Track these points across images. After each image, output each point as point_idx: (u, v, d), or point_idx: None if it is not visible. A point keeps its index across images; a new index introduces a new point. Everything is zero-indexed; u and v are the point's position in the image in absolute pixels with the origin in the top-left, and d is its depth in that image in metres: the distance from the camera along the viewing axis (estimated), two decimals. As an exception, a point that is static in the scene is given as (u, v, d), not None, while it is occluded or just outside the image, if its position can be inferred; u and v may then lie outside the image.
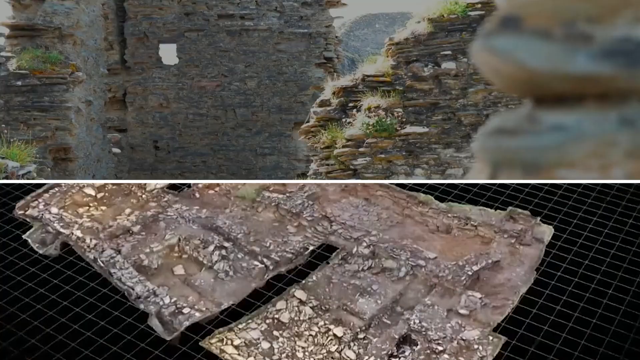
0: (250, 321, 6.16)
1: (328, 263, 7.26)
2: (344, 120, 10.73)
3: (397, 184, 8.33)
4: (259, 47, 18.92)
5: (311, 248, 7.51)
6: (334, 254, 7.43)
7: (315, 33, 18.91)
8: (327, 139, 10.65)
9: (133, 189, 8.66)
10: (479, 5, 10.73)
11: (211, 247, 7.36)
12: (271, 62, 18.97)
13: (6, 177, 9.21)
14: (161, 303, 6.56)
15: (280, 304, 6.40)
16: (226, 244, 7.42)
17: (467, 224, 7.69)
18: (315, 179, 10.74)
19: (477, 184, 8.54)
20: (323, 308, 6.37)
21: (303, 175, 16.43)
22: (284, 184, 8.90)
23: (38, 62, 13.05)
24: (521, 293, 6.48)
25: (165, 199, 8.41)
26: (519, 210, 7.77)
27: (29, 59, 13.05)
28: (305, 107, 18.78)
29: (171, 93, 19.05)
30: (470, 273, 6.83)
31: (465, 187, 8.46)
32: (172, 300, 6.58)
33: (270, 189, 8.61)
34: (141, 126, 19.08)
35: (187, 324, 6.25)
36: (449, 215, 7.85)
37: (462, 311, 6.30)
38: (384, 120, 10.44)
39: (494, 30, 0.88)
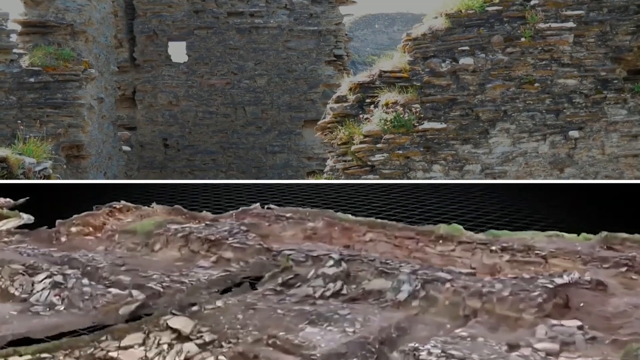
0: (43, 355, 4.09)
1: (255, 288, 5.44)
2: (361, 116, 10.67)
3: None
4: (269, 45, 18.87)
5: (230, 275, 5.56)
6: (267, 274, 5.53)
7: (325, 30, 18.86)
8: (344, 135, 10.58)
9: None
10: (497, 1, 10.66)
11: (41, 276, 5.56)
12: (281, 60, 18.92)
13: (23, 174, 9.16)
14: None
15: (133, 338, 4.34)
16: (68, 272, 5.64)
17: (528, 256, 5.34)
18: (332, 175, 10.69)
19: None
20: (224, 343, 4.23)
21: (313, 174, 16.38)
22: (212, 220, 7.08)
23: (50, 59, 12.99)
24: None
25: (7, 240, 6.77)
26: (622, 234, 5.54)
27: (42, 55, 12.99)
28: (315, 105, 18.73)
29: (181, 91, 19.00)
30: (551, 287, 4.49)
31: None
32: None
33: (183, 217, 6.82)
34: (151, 124, 19.04)
35: None
36: (493, 248, 5.57)
37: (542, 345, 3.98)
38: (401, 116, 10.38)
39: None
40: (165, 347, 4.21)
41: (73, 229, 6.91)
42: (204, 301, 4.93)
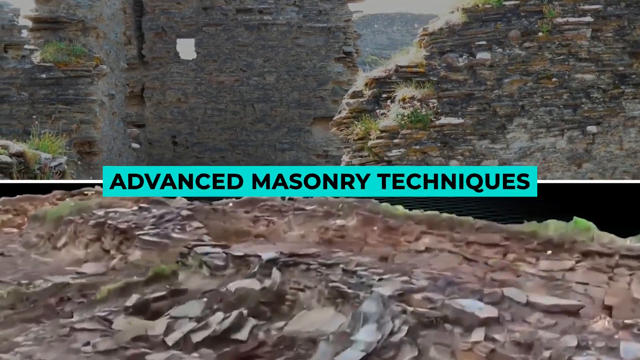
0: None
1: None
2: (377, 111, 10.59)
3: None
4: (278, 42, 18.80)
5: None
6: (104, 288, 3.69)
7: (334, 27, 18.79)
8: (360, 130, 10.50)
9: None
10: (514, -5, 10.57)
11: None
12: (290, 57, 18.85)
13: (39, 169, 9.08)
14: None
15: None
16: None
17: None
18: (348, 171, 10.60)
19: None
20: None
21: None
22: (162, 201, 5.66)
23: (62, 55, 12.92)
24: None
25: None
26: None
27: (53, 51, 12.93)
28: (324, 102, 18.66)
29: (189, 88, 18.93)
30: None
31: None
32: None
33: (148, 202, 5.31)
34: (159, 121, 18.97)
35: None
36: None
37: None
38: (418, 111, 10.29)
39: None
40: None
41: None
42: None
